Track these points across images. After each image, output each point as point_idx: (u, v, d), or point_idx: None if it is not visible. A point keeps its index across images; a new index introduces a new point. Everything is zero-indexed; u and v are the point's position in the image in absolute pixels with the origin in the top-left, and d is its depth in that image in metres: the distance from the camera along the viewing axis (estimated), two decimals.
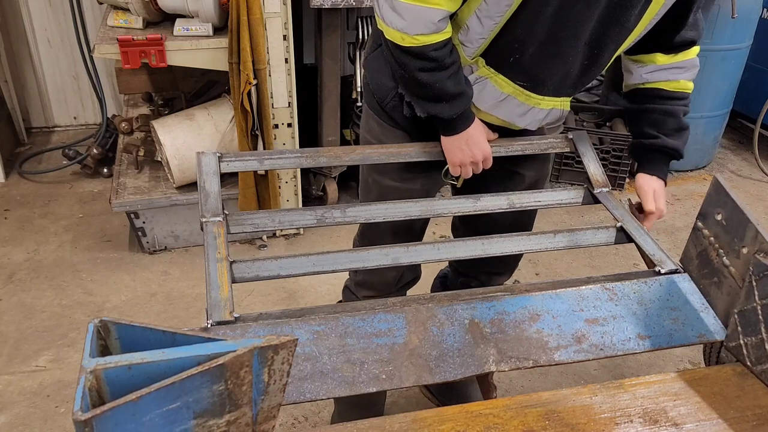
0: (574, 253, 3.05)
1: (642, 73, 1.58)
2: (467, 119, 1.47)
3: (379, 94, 1.58)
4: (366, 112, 1.68)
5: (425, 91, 1.42)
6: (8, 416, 2.15)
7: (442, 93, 1.41)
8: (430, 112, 1.45)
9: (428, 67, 1.38)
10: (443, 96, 1.41)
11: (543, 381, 2.35)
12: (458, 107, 1.43)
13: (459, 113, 1.44)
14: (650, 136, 1.59)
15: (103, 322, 0.84)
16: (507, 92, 1.47)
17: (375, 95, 1.60)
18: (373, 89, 1.60)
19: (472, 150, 1.50)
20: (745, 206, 1.20)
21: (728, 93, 3.71)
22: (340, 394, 1.09)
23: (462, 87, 1.43)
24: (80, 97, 4.03)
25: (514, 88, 1.46)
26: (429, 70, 1.38)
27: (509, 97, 1.48)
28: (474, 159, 1.51)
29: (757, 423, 1.06)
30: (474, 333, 1.18)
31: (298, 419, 2.18)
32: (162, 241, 2.98)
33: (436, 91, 1.40)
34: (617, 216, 1.50)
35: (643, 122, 1.61)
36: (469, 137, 1.49)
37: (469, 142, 1.49)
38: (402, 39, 1.35)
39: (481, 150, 1.51)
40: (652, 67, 1.56)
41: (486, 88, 1.47)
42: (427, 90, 1.41)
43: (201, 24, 2.63)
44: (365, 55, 1.65)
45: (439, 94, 1.41)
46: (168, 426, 0.79)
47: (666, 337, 1.23)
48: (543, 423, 1.05)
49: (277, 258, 1.32)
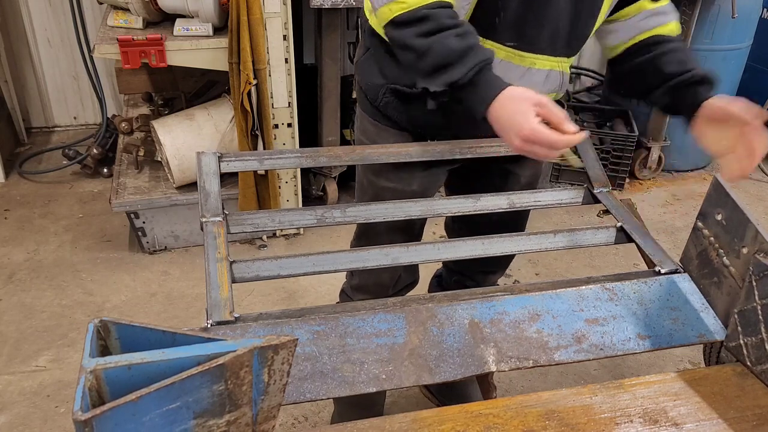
0: (574, 253, 3.05)
1: (634, 23, 1.50)
2: (492, 84, 1.24)
3: (371, 94, 1.58)
4: (360, 116, 1.68)
5: (429, 59, 1.25)
6: (8, 416, 2.15)
7: (448, 52, 1.23)
8: (446, 83, 1.25)
9: (425, 30, 1.24)
10: (450, 56, 1.23)
11: (543, 381, 2.35)
12: (470, 62, 1.22)
13: (474, 71, 1.23)
14: (678, 73, 1.42)
15: (103, 322, 0.84)
16: (500, 57, 1.40)
17: (367, 96, 1.59)
18: (365, 90, 1.60)
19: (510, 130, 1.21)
20: (745, 206, 1.20)
21: (728, 93, 3.68)
22: (340, 394, 1.09)
23: (471, 41, 1.24)
24: (80, 97, 4.03)
25: (506, 51, 1.41)
26: (426, 34, 1.24)
27: (503, 61, 1.42)
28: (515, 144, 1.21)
29: (757, 423, 1.06)
30: (474, 333, 1.18)
31: (298, 419, 2.18)
32: (162, 241, 2.98)
33: (439, 54, 1.23)
34: (617, 216, 1.50)
35: (661, 69, 1.45)
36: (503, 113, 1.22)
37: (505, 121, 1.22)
38: (390, 11, 1.27)
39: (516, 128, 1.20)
40: (642, 15, 1.49)
41: None
42: (431, 57, 1.24)
43: (201, 24, 2.63)
44: (356, 60, 1.64)
45: (445, 56, 1.23)
46: (168, 426, 0.80)
47: (666, 337, 1.23)
48: (543, 423, 1.05)
49: (277, 258, 1.32)
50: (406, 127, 1.58)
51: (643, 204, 3.52)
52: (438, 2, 1.26)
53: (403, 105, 1.53)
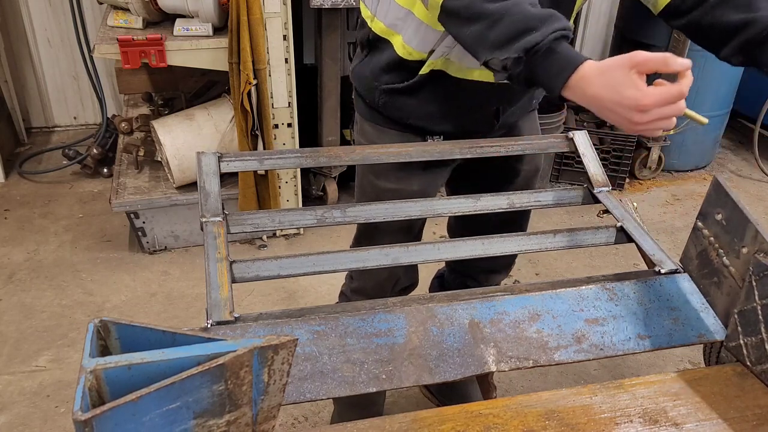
0: (574, 253, 3.05)
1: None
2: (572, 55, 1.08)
3: (368, 97, 1.59)
4: (359, 120, 1.69)
5: (505, 24, 1.10)
6: (8, 416, 2.15)
7: (527, 16, 1.09)
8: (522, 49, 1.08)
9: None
10: (530, 20, 1.08)
11: (543, 381, 2.35)
12: (552, 26, 1.07)
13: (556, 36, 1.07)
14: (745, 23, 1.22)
15: (103, 322, 0.84)
16: None
17: (365, 100, 1.60)
18: (363, 95, 1.60)
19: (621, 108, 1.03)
20: (745, 206, 1.20)
21: (728, 93, 3.70)
22: (340, 394, 1.09)
23: (550, 10, 1.11)
24: (80, 97, 4.03)
25: None
26: None
27: None
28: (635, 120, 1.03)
29: (757, 423, 1.06)
30: (474, 333, 1.18)
31: (298, 419, 2.18)
32: (162, 241, 2.98)
33: (517, 17, 1.09)
34: (617, 216, 1.50)
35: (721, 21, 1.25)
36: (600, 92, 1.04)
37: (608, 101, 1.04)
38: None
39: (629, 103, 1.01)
40: None
41: None
42: (507, 21, 1.10)
43: (201, 24, 2.64)
44: (351, 69, 1.65)
45: (523, 20, 1.09)
46: (168, 426, 0.80)
47: (666, 337, 1.23)
48: (543, 423, 1.05)
49: (277, 258, 1.32)
50: (406, 123, 1.58)
51: (643, 204, 3.53)
52: None
53: (400, 102, 1.54)
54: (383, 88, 1.53)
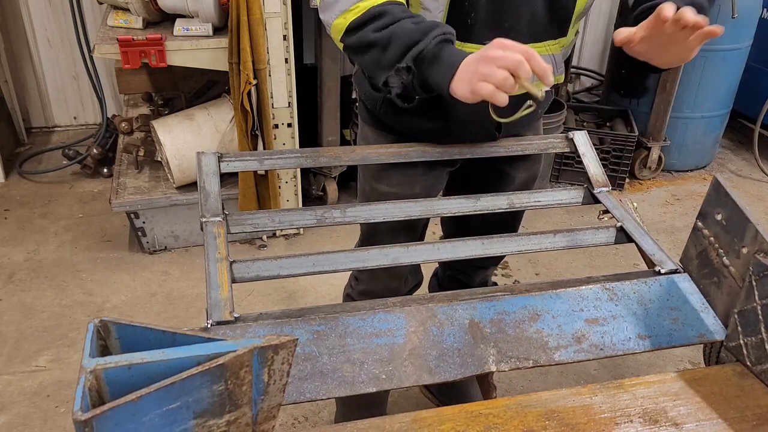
0: (574, 253, 3.05)
1: None
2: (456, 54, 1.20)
3: (370, 104, 1.59)
4: (361, 125, 1.69)
5: (392, 46, 1.23)
6: (8, 416, 2.15)
7: (409, 33, 1.21)
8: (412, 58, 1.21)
9: (382, 24, 1.24)
10: (412, 35, 1.21)
11: (543, 381, 2.35)
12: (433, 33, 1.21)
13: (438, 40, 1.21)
14: None
15: (103, 322, 0.84)
16: None
17: (367, 105, 1.60)
18: (365, 99, 1.61)
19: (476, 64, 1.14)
20: (745, 206, 1.20)
21: (728, 93, 3.71)
22: (340, 394, 1.09)
23: (429, 22, 1.24)
24: (80, 97, 4.03)
25: None
26: (384, 27, 1.24)
27: None
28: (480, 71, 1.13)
29: (757, 423, 1.06)
30: (474, 333, 1.18)
31: (298, 419, 2.18)
32: (162, 241, 2.98)
33: (401, 37, 1.22)
34: (617, 216, 1.50)
35: None
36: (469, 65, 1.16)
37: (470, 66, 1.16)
38: (345, 19, 1.27)
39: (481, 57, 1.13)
40: None
41: None
42: (394, 42, 1.22)
43: (201, 24, 2.64)
44: (354, 73, 1.65)
45: (407, 37, 1.21)
46: (168, 426, 0.80)
47: (666, 337, 1.23)
48: (543, 423, 1.05)
49: (277, 258, 1.32)
50: (406, 134, 1.59)
51: (643, 204, 3.53)
52: (385, 1, 1.26)
53: (400, 115, 1.54)
54: (386, 98, 1.53)
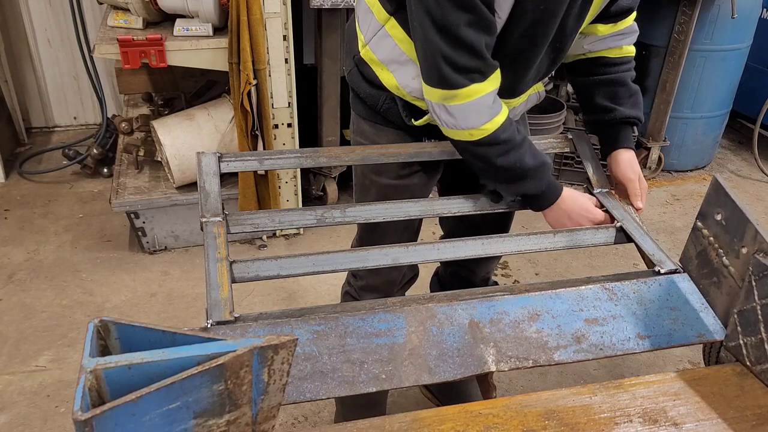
0: (574, 253, 3.05)
1: (583, 45, 1.58)
2: (555, 188, 1.49)
3: (370, 100, 1.59)
4: (356, 119, 1.69)
5: (509, 174, 1.43)
6: (8, 416, 2.15)
7: (525, 169, 1.42)
8: (519, 192, 1.48)
9: (504, 150, 1.39)
10: (526, 172, 1.42)
11: (543, 381, 2.35)
12: (543, 178, 1.45)
13: (546, 185, 1.46)
14: (607, 110, 1.59)
15: (103, 322, 0.84)
16: None
17: (367, 102, 1.61)
18: (364, 97, 1.61)
19: (578, 221, 1.51)
20: (744, 206, 1.20)
21: (728, 93, 3.71)
22: (340, 393, 1.09)
23: (541, 158, 1.45)
24: (80, 97, 4.03)
25: None
26: (506, 153, 1.40)
27: None
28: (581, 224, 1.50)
29: (756, 423, 1.06)
30: (474, 333, 1.19)
31: (298, 419, 2.18)
32: (162, 241, 2.98)
33: (518, 170, 1.42)
34: (617, 216, 1.50)
35: (594, 96, 1.61)
36: (568, 209, 1.50)
37: (570, 214, 1.50)
38: (471, 135, 1.38)
39: (590, 216, 1.51)
40: (592, 38, 1.57)
41: None
42: (511, 172, 1.42)
43: (201, 24, 2.63)
44: (348, 72, 1.66)
45: (522, 171, 1.42)
46: (168, 426, 0.80)
47: (665, 337, 1.23)
48: (543, 423, 1.05)
49: (277, 258, 1.32)
50: (405, 126, 1.59)
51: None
52: (507, 120, 1.39)
53: (403, 111, 1.55)
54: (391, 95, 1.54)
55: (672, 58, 3.41)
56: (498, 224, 1.80)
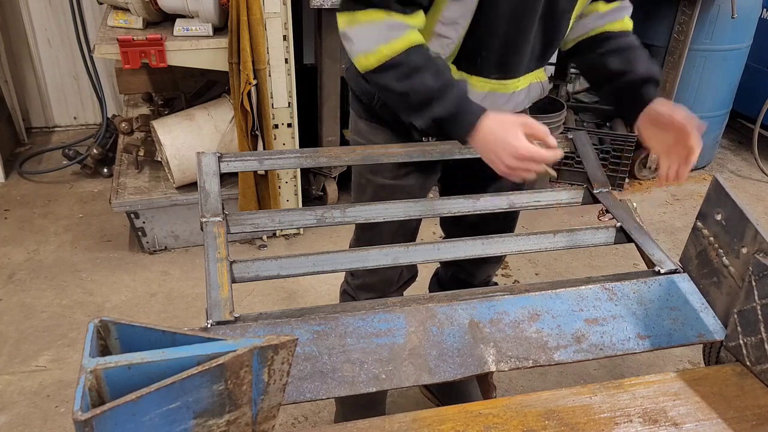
0: (574, 253, 3.05)
1: (586, 24, 1.56)
2: (471, 112, 1.32)
3: (365, 98, 1.60)
4: (354, 118, 1.71)
5: (414, 99, 1.33)
6: (8, 416, 2.15)
7: (428, 91, 1.31)
8: (430, 118, 1.34)
9: (403, 74, 1.32)
10: (431, 94, 1.31)
11: (543, 381, 2.35)
12: (449, 99, 1.31)
13: (455, 107, 1.32)
14: (622, 73, 1.50)
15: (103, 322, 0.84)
16: (485, 90, 1.49)
17: (362, 99, 1.62)
18: (359, 94, 1.62)
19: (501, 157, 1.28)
20: (744, 206, 1.20)
21: (728, 93, 3.71)
22: (340, 393, 1.09)
23: (446, 77, 1.33)
24: (80, 97, 4.03)
25: (491, 84, 1.48)
26: (405, 77, 1.32)
27: (489, 93, 1.49)
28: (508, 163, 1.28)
29: (756, 423, 1.06)
30: (474, 333, 1.19)
31: (298, 419, 2.18)
32: (162, 241, 2.98)
33: (421, 94, 1.32)
34: (617, 216, 1.50)
35: (607, 65, 1.53)
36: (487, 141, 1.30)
37: (493, 148, 1.29)
38: (367, 60, 1.33)
39: (510, 149, 1.26)
40: (595, 16, 1.55)
41: None
42: (415, 96, 1.33)
43: (201, 24, 2.63)
44: (346, 69, 1.68)
45: (426, 95, 1.32)
46: (168, 426, 0.80)
47: (665, 337, 1.23)
48: (543, 423, 1.05)
49: (277, 258, 1.32)
50: (401, 127, 1.59)
51: (643, 204, 3.53)
52: (410, 47, 1.32)
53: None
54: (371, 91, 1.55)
55: (672, 58, 3.41)
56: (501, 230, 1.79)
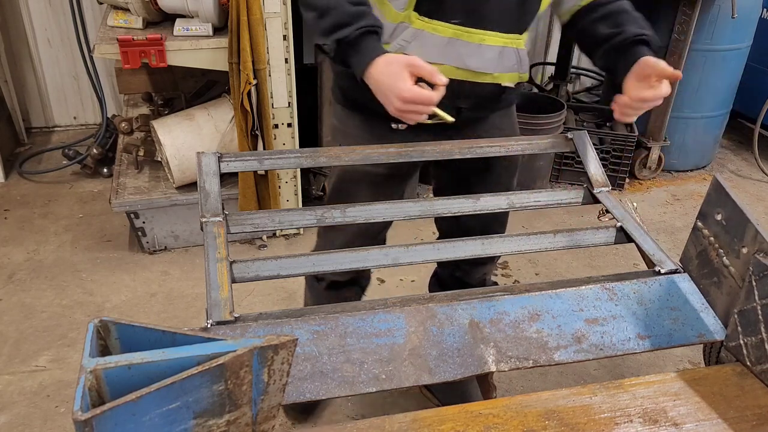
0: (574, 253, 3.05)
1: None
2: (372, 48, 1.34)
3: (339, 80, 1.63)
4: (333, 102, 1.74)
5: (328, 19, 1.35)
6: (8, 416, 2.15)
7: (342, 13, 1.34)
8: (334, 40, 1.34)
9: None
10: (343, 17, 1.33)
11: (543, 381, 2.35)
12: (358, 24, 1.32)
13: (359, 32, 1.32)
14: (613, 35, 1.50)
15: (103, 322, 0.84)
16: (448, 35, 1.47)
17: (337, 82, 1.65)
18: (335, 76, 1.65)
19: (389, 99, 1.30)
20: (744, 206, 1.20)
21: (728, 93, 3.70)
22: (340, 394, 1.09)
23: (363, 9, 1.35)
24: (80, 97, 4.03)
25: (454, 29, 1.47)
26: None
27: (452, 39, 1.48)
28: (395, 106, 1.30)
29: (756, 423, 1.06)
30: (474, 333, 1.19)
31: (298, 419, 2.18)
32: (162, 241, 2.98)
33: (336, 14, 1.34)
34: (617, 216, 1.50)
35: (597, 30, 1.54)
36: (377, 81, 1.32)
37: (381, 88, 1.31)
38: None
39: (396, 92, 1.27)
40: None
41: (426, 39, 1.47)
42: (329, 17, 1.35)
43: (201, 24, 2.63)
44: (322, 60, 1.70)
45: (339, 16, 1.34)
46: (168, 426, 0.80)
47: (666, 337, 1.23)
48: (543, 423, 1.05)
49: (277, 258, 1.32)
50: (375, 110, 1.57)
51: (643, 204, 3.53)
52: None
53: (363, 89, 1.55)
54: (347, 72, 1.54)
55: (672, 58, 3.41)
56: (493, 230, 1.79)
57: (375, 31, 1.35)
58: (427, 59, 1.41)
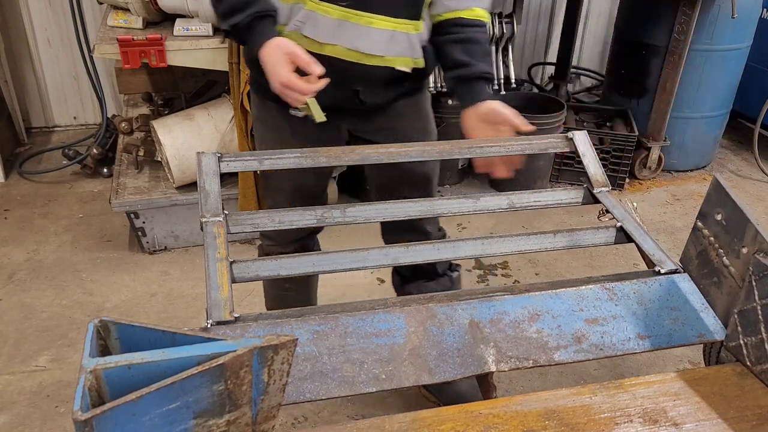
0: (574, 253, 3.05)
1: (444, 2, 1.60)
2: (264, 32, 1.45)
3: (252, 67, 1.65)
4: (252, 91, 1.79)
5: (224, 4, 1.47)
6: (8, 416, 2.15)
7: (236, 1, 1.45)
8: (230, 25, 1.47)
9: None
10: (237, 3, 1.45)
11: (543, 381, 2.35)
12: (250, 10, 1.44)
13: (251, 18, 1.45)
14: (464, 64, 1.60)
15: (103, 322, 0.84)
16: (337, 17, 1.50)
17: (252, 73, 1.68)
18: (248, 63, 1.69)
19: (272, 76, 1.44)
20: (744, 206, 1.20)
21: (728, 93, 3.70)
22: (340, 394, 1.09)
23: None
24: (80, 97, 4.03)
25: (342, 11, 1.50)
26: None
27: (341, 21, 1.51)
28: (275, 87, 1.44)
29: (756, 423, 1.06)
30: (474, 333, 1.19)
31: (298, 419, 2.18)
32: (162, 241, 2.98)
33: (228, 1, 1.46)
34: (617, 216, 1.50)
35: (453, 53, 1.61)
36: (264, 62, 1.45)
37: (267, 68, 1.44)
38: None
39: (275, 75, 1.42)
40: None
41: (318, 20, 1.51)
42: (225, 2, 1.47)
43: (201, 24, 2.63)
44: None
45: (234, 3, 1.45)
46: (168, 426, 0.80)
47: (666, 337, 1.23)
48: (543, 423, 1.05)
49: (277, 258, 1.32)
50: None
51: (643, 204, 3.52)
52: None
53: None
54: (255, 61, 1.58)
55: (672, 57, 3.41)
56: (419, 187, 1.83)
57: (267, 15, 1.47)
58: (320, 39, 1.53)
